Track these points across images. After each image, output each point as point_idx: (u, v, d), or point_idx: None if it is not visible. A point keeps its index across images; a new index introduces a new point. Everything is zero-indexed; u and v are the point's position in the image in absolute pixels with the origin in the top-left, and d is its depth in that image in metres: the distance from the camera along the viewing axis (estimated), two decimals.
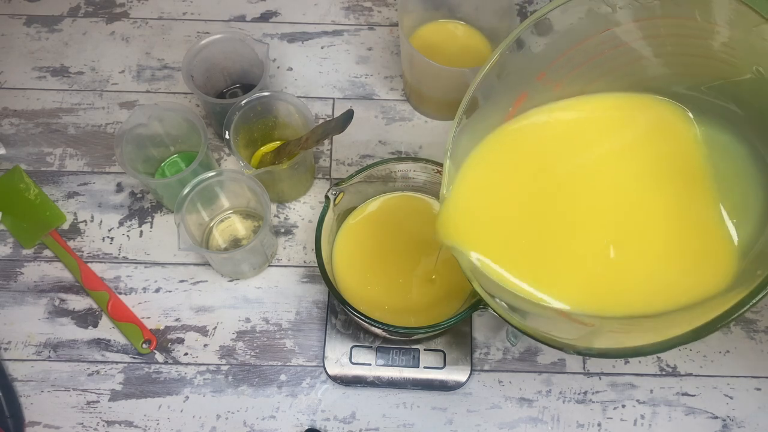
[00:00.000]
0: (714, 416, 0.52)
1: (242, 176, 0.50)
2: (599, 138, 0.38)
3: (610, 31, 0.36)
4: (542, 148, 0.39)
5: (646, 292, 0.33)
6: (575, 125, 0.39)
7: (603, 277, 0.35)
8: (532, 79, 0.39)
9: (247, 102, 0.52)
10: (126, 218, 0.58)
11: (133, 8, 0.67)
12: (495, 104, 0.39)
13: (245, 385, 0.52)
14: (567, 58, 0.38)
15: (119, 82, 0.63)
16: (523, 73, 0.39)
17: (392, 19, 0.67)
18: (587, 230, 0.36)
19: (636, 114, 0.38)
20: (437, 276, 0.49)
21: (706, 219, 0.33)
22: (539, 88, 0.39)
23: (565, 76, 0.39)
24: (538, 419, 0.52)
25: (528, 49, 0.37)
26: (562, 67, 0.38)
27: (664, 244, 0.34)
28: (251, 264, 0.54)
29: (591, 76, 0.39)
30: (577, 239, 0.37)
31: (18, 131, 0.61)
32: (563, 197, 0.37)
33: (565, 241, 0.37)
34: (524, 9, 0.67)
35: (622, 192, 0.36)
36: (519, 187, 0.39)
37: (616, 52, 0.37)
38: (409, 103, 0.63)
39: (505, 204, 0.39)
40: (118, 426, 0.51)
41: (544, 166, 0.39)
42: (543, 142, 0.39)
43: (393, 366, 0.52)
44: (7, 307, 0.54)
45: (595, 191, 0.37)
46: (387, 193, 0.52)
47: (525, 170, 0.39)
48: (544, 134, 0.39)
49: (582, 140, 0.39)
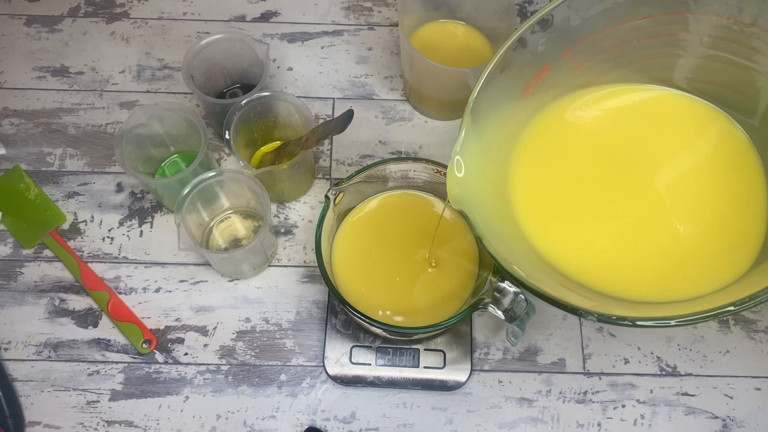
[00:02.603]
0: (714, 416, 0.52)
1: (242, 176, 0.50)
2: (648, 126, 0.38)
3: (650, 20, 0.35)
4: (589, 128, 0.40)
5: (681, 277, 0.34)
6: (625, 110, 0.39)
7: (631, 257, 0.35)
8: (559, 53, 0.39)
9: (247, 102, 0.52)
10: (126, 218, 0.58)
11: (133, 8, 0.67)
12: (519, 70, 0.39)
13: (245, 385, 0.52)
14: (598, 38, 0.38)
15: (119, 82, 0.63)
16: (552, 45, 0.38)
17: (392, 19, 0.67)
18: (628, 212, 0.36)
19: (677, 111, 0.38)
20: (437, 276, 0.49)
21: (746, 207, 0.34)
22: (563, 66, 0.39)
23: (590, 57, 0.39)
24: (538, 419, 0.52)
25: (566, 21, 0.37)
26: (591, 47, 0.38)
27: (707, 228, 0.34)
28: (251, 264, 0.54)
29: (615, 63, 0.39)
30: (620, 219, 0.37)
31: (18, 131, 0.61)
32: (612, 177, 0.38)
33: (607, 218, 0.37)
34: (524, 9, 0.67)
35: (666, 178, 0.36)
36: (561, 159, 0.40)
37: (652, 43, 0.37)
38: (409, 103, 0.63)
39: (540, 173, 0.40)
40: (119, 426, 0.51)
41: (589, 144, 0.39)
42: (589, 124, 0.40)
43: (393, 366, 0.52)
44: (7, 307, 0.55)
45: (642, 174, 0.37)
46: (387, 192, 0.52)
47: (567, 143, 0.40)
48: (591, 117, 0.39)
49: (629, 125, 0.39)
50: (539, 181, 0.40)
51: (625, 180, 0.37)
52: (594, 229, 0.38)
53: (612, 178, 0.38)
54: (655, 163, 0.37)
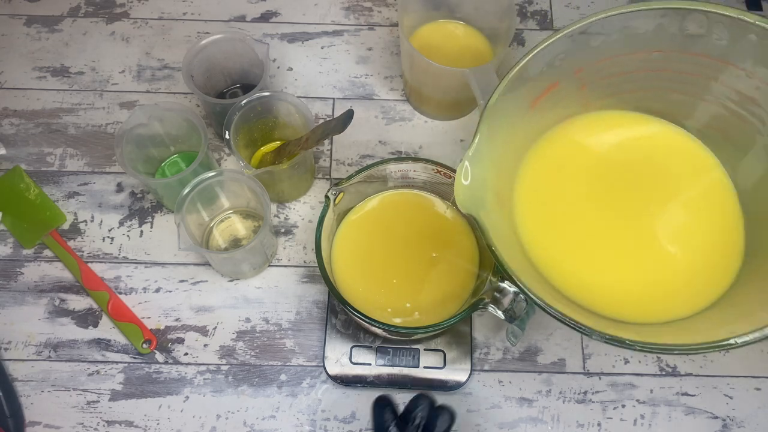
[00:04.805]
0: (714, 416, 0.52)
1: (242, 176, 0.50)
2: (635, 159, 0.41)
3: (661, 54, 0.37)
4: (593, 153, 0.42)
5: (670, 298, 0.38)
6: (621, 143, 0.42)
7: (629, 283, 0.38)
8: (571, 70, 0.39)
9: (247, 102, 0.52)
10: (126, 218, 0.58)
11: (133, 8, 0.67)
12: (534, 82, 0.39)
13: (245, 385, 0.52)
14: (610, 62, 0.38)
15: (119, 82, 0.64)
16: (569, 61, 0.38)
17: (392, 19, 0.67)
18: (622, 236, 0.39)
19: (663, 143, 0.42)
20: (437, 276, 0.49)
21: (722, 228, 0.39)
22: (571, 83, 0.40)
23: (598, 79, 0.40)
24: (538, 419, 0.52)
25: (592, 38, 0.37)
26: (601, 70, 0.39)
27: (691, 254, 0.38)
28: (251, 264, 0.54)
29: (617, 89, 0.40)
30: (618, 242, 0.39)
31: (18, 131, 0.61)
32: (608, 202, 0.40)
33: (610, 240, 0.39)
34: (524, 9, 0.67)
35: (654, 209, 0.40)
36: (564, 180, 0.41)
37: (660, 76, 0.38)
38: (409, 103, 0.63)
39: (545, 189, 0.41)
40: (119, 426, 0.51)
41: (592, 169, 0.41)
42: (594, 149, 0.42)
43: (393, 366, 0.52)
44: (8, 307, 0.55)
45: (637, 203, 0.40)
46: (387, 191, 0.52)
47: (577, 165, 0.41)
48: (596, 143, 0.42)
49: (622, 156, 0.41)
50: (542, 200, 0.41)
51: (620, 206, 0.40)
52: (590, 249, 0.39)
53: (608, 204, 0.40)
54: (649, 194, 0.40)
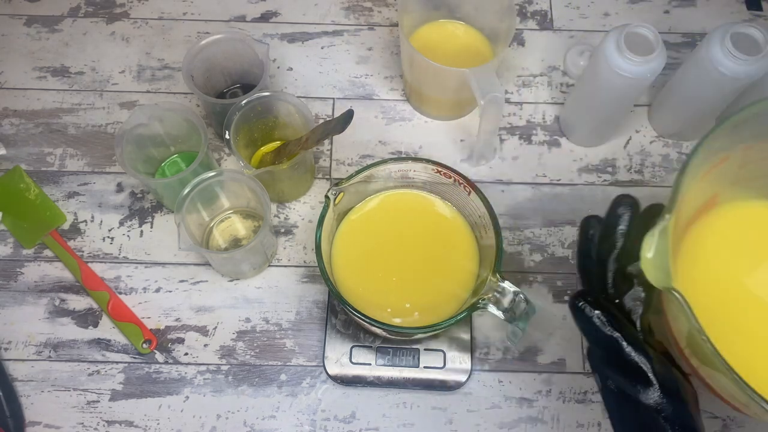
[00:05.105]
0: (714, 416, 0.52)
1: (242, 176, 0.50)
2: None
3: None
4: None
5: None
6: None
7: None
8: (741, 145, 0.37)
9: (247, 102, 0.52)
10: (126, 218, 0.58)
11: (133, 8, 0.67)
12: (715, 152, 0.36)
13: (245, 384, 0.52)
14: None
15: (119, 82, 0.64)
16: (747, 135, 0.36)
17: (392, 19, 0.67)
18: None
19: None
20: (437, 276, 0.49)
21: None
22: (737, 158, 0.38)
23: (756, 161, 0.39)
24: (538, 419, 0.52)
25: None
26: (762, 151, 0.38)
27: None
28: (251, 264, 0.54)
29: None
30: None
31: (18, 131, 0.61)
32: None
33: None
34: (524, 9, 0.67)
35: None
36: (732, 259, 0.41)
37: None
38: (409, 103, 0.63)
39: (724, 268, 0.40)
40: (119, 426, 0.51)
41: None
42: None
43: (393, 366, 0.52)
44: (8, 307, 0.55)
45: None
46: (387, 191, 0.52)
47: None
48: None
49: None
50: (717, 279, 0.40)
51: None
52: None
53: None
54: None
